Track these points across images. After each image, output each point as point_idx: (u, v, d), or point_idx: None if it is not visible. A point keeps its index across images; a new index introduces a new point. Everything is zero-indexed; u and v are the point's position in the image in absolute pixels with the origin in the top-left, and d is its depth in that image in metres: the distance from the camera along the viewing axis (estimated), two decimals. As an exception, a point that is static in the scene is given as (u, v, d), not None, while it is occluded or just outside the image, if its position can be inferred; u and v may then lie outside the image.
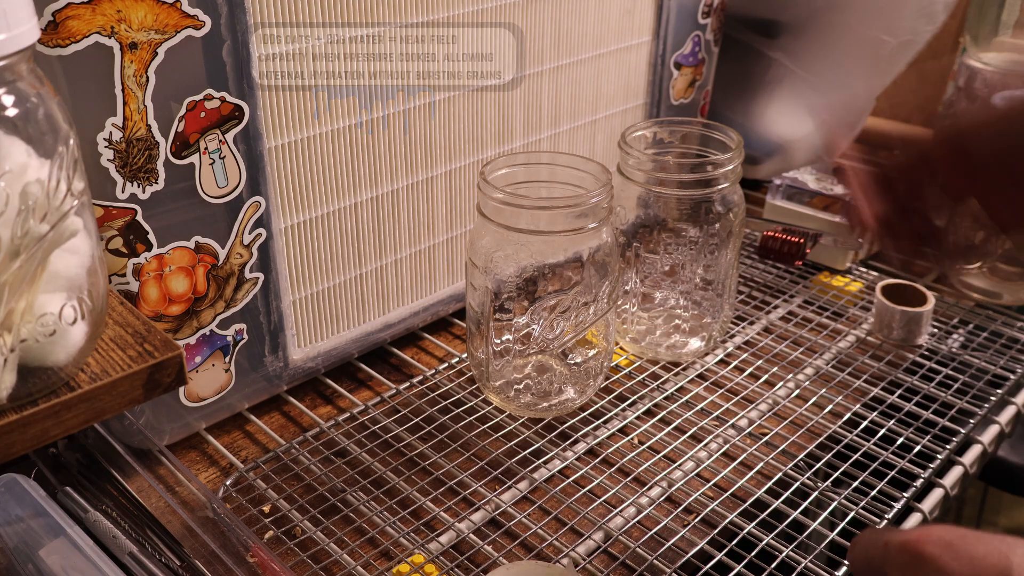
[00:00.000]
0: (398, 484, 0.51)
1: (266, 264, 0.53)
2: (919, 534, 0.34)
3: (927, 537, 0.33)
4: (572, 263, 0.52)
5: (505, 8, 0.60)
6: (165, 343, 0.37)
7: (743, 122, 0.89)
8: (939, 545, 0.33)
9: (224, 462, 0.54)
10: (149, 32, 0.43)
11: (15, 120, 0.32)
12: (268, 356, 0.56)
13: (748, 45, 0.87)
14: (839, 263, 0.75)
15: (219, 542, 0.45)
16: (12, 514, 0.44)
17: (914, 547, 0.33)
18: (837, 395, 0.60)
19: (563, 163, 0.55)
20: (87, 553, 0.41)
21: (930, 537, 0.33)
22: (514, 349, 0.55)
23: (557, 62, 0.66)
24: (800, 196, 0.77)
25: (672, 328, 0.63)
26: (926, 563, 0.32)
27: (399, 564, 0.46)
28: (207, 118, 0.47)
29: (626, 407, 0.59)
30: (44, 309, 0.33)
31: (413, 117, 0.58)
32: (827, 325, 0.68)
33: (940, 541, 0.33)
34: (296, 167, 0.53)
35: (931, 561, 0.32)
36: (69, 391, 0.34)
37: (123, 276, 0.47)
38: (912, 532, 0.34)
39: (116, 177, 0.44)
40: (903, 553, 0.33)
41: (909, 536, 0.34)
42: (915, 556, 0.33)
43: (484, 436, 0.56)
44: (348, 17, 0.52)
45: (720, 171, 0.56)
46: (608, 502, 0.51)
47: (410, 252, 0.62)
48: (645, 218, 0.59)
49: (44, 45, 0.40)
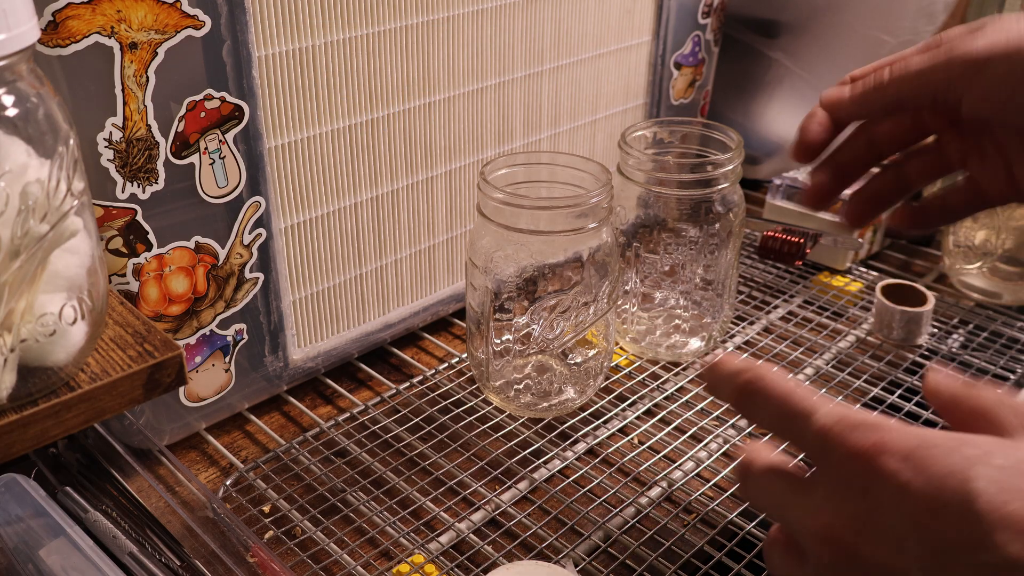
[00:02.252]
0: (398, 484, 0.52)
1: (266, 264, 0.53)
2: (875, 440, 0.29)
3: (884, 445, 0.29)
4: (572, 263, 0.52)
5: (505, 8, 0.60)
6: (165, 343, 0.37)
7: (743, 122, 0.89)
8: (898, 457, 0.28)
9: (224, 462, 0.54)
10: (149, 32, 0.43)
11: (15, 120, 0.32)
12: (268, 356, 0.56)
13: (748, 45, 0.87)
14: (839, 263, 0.75)
15: (219, 542, 0.45)
16: (12, 514, 0.44)
17: (871, 457, 0.29)
18: (837, 395, 0.60)
19: (563, 163, 0.55)
20: (87, 553, 0.41)
21: (887, 445, 0.29)
22: (514, 349, 0.55)
23: (557, 62, 0.66)
24: (800, 196, 0.77)
25: (672, 328, 0.63)
26: (884, 478, 0.28)
27: (399, 564, 0.46)
28: (207, 118, 0.47)
29: (626, 407, 0.59)
30: (44, 309, 0.33)
31: (413, 117, 0.58)
32: (827, 325, 0.68)
33: (898, 451, 0.28)
34: (296, 167, 0.53)
35: (889, 474, 0.28)
36: (69, 391, 0.34)
37: (123, 276, 0.47)
38: (862, 431, 0.29)
39: (116, 177, 0.44)
40: (856, 461, 0.29)
41: (862, 440, 0.29)
42: (871, 467, 0.29)
43: (484, 436, 0.56)
44: (348, 17, 0.52)
45: (720, 171, 0.56)
46: (608, 502, 0.51)
47: (410, 252, 0.62)
48: (645, 218, 0.59)
49: (44, 45, 0.40)
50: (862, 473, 0.29)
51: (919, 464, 0.28)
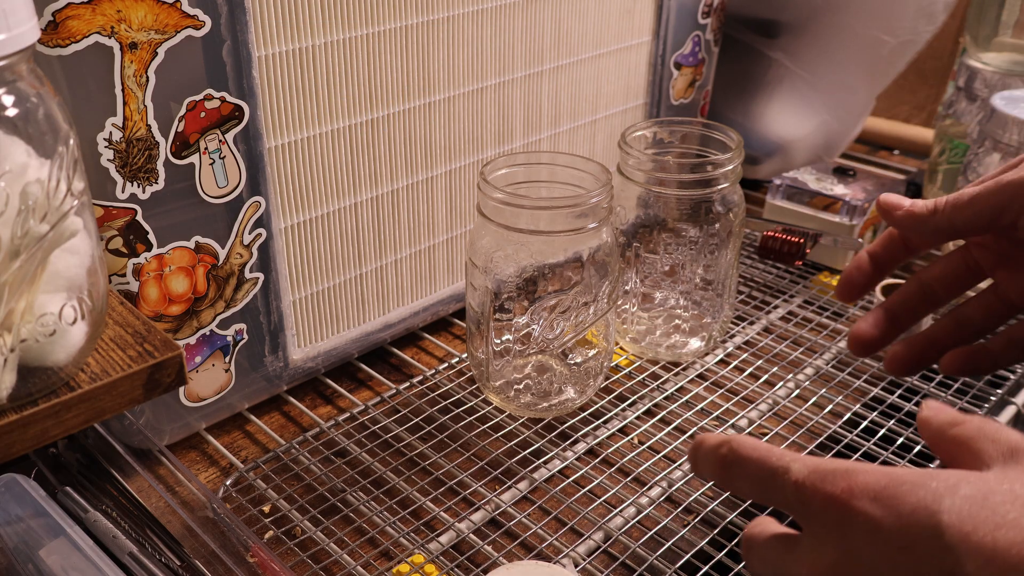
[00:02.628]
0: (398, 484, 0.52)
1: (266, 264, 0.53)
2: (844, 486, 0.30)
3: (853, 489, 0.30)
4: (572, 263, 0.52)
5: (505, 8, 0.60)
6: (165, 343, 0.37)
7: (743, 122, 0.89)
8: (867, 498, 0.30)
9: (224, 462, 0.54)
10: (149, 32, 0.43)
11: (15, 120, 0.32)
12: (268, 356, 0.56)
13: (748, 45, 0.87)
14: (839, 263, 0.75)
15: (219, 542, 0.45)
16: (12, 514, 0.43)
17: (843, 502, 0.30)
18: (837, 395, 0.60)
19: (563, 163, 0.55)
20: (87, 553, 0.41)
21: (855, 488, 0.30)
22: (514, 349, 0.55)
23: (557, 62, 0.66)
24: (800, 196, 0.77)
25: (672, 328, 0.63)
26: (857, 519, 0.30)
27: (399, 564, 0.46)
28: (207, 118, 0.47)
29: (626, 407, 0.59)
30: (44, 309, 0.33)
31: (413, 117, 0.58)
32: (827, 325, 0.68)
33: (867, 492, 0.30)
34: (296, 167, 0.53)
35: (862, 517, 0.29)
36: (69, 391, 0.34)
37: (123, 276, 0.47)
38: (831, 479, 0.31)
39: (116, 177, 0.44)
40: (830, 507, 0.30)
41: (832, 487, 0.30)
42: (844, 512, 0.30)
43: (484, 436, 0.56)
44: (348, 17, 0.52)
45: (720, 171, 0.56)
46: (608, 502, 0.51)
47: (410, 252, 0.62)
48: (645, 218, 0.59)
49: (44, 45, 0.40)
50: (837, 518, 0.30)
51: (888, 502, 0.29)
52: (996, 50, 0.80)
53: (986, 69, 0.78)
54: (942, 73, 1.09)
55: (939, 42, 0.92)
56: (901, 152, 1.03)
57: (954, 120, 0.82)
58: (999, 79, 0.77)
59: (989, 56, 0.80)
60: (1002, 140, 0.68)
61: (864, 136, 1.04)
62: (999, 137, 0.68)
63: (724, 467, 0.35)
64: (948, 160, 0.83)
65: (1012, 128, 0.67)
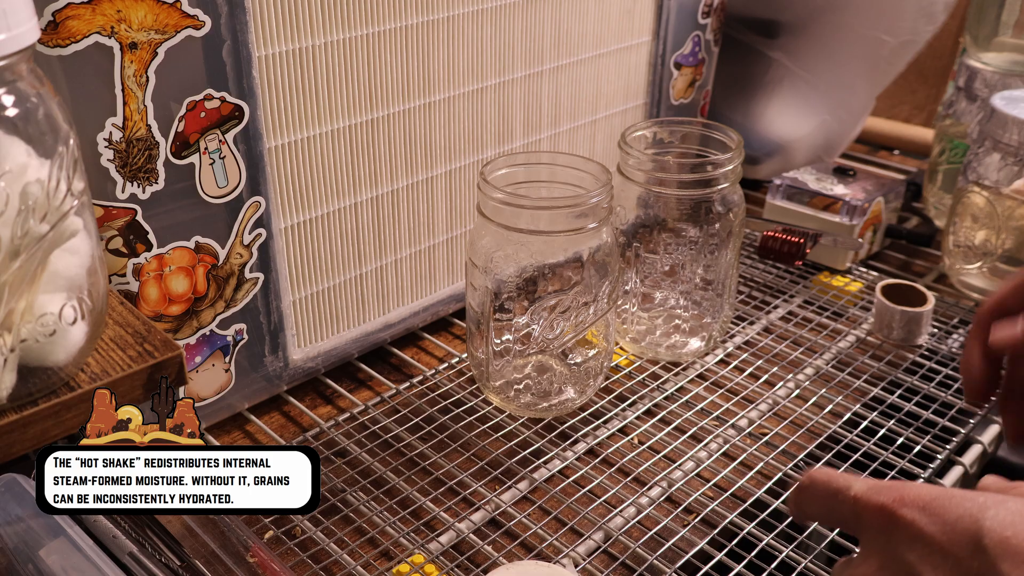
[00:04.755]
0: (398, 484, 0.51)
1: (266, 264, 0.53)
2: (895, 496, 0.32)
3: (903, 499, 0.32)
4: (572, 263, 0.52)
5: (505, 8, 0.60)
6: (165, 343, 0.37)
7: (743, 122, 0.89)
8: (915, 508, 0.32)
9: (224, 462, 0.54)
10: (149, 32, 0.43)
11: (15, 120, 0.32)
12: (268, 356, 0.56)
13: (748, 45, 0.87)
14: (839, 263, 0.75)
15: (219, 542, 0.45)
16: (12, 514, 0.43)
17: (891, 510, 0.32)
18: (837, 395, 0.60)
19: (563, 163, 0.55)
20: (87, 553, 0.41)
21: (906, 499, 0.32)
22: (514, 349, 0.55)
23: (557, 62, 0.66)
24: (800, 196, 0.77)
25: (672, 328, 0.63)
26: (903, 527, 0.32)
27: (399, 564, 0.46)
28: (207, 118, 0.47)
29: (626, 407, 0.59)
30: (44, 309, 0.33)
31: (413, 117, 0.58)
32: (827, 325, 0.68)
33: (916, 503, 0.32)
34: (296, 167, 0.53)
35: (909, 525, 0.31)
36: (69, 391, 0.34)
37: (123, 276, 0.47)
38: (885, 491, 0.33)
39: (116, 177, 0.44)
40: (879, 516, 0.32)
41: (884, 497, 0.33)
42: (891, 519, 0.32)
43: (484, 436, 0.56)
44: (348, 17, 0.52)
45: (720, 171, 0.56)
46: (608, 502, 0.51)
47: (410, 252, 0.62)
48: (645, 218, 0.59)
49: (44, 45, 0.40)
50: (885, 525, 0.32)
51: (936, 512, 0.31)
52: (996, 50, 0.80)
53: (986, 69, 0.78)
54: (942, 73, 1.09)
55: (939, 42, 0.92)
56: (901, 152, 1.03)
57: (954, 120, 0.82)
58: (999, 79, 0.77)
59: (989, 56, 0.80)
60: (1002, 140, 0.68)
61: (864, 136, 1.04)
62: (999, 137, 0.68)
63: (799, 490, 0.37)
64: (948, 160, 0.83)
65: (1012, 128, 0.67)
